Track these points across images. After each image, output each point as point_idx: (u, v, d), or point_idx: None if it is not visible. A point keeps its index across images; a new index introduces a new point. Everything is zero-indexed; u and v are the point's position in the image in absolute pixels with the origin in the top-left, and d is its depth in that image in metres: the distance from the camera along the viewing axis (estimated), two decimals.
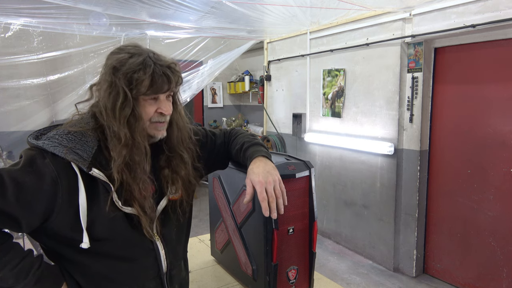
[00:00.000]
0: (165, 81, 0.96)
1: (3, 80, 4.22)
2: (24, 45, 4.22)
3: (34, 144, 0.92)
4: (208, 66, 4.76)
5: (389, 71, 3.31)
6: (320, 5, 3.40)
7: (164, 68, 0.96)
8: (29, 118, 4.45)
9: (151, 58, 0.95)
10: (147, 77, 0.93)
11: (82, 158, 0.91)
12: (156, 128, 1.01)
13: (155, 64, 0.95)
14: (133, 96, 0.94)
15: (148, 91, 0.95)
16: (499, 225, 2.80)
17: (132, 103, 0.94)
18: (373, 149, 3.50)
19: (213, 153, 1.26)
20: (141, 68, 0.93)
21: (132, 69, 0.93)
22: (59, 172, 0.89)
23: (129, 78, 0.93)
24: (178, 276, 1.16)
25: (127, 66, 0.93)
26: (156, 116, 0.99)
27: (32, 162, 0.89)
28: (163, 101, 1.00)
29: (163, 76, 0.95)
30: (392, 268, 3.44)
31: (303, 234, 1.32)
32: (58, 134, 0.93)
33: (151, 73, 0.93)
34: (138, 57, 0.95)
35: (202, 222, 4.55)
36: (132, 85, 0.93)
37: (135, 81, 0.93)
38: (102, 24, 3.62)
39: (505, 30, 2.61)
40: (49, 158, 0.89)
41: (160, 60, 0.97)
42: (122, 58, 0.95)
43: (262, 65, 5.35)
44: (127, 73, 0.93)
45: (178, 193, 1.08)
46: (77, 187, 0.90)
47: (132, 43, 1.01)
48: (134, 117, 0.95)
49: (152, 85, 0.94)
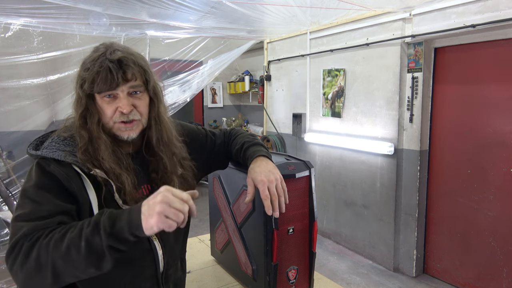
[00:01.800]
0: (110, 76, 0.90)
1: (3, 80, 4.22)
2: (24, 45, 4.22)
3: (34, 154, 0.93)
4: (208, 66, 4.76)
5: (389, 71, 3.31)
6: (320, 5, 3.40)
7: (112, 62, 0.91)
8: (29, 118, 4.45)
9: (105, 54, 0.92)
10: (93, 73, 0.91)
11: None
12: (119, 128, 0.96)
13: (104, 60, 0.91)
14: (86, 94, 0.93)
15: (96, 87, 0.92)
16: (499, 225, 2.80)
17: (85, 100, 0.94)
18: (373, 149, 3.50)
19: (213, 153, 1.26)
20: (91, 65, 0.92)
21: (84, 67, 0.93)
22: (66, 173, 0.91)
23: (82, 76, 0.93)
24: (173, 276, 1.15)
25: (82, 65, 0.94)
26: (117, 115, 0.95)
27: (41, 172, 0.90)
28: (122, 99, 0.94)
29: (107, 71, 0.90)
30: (392, 268, 3.44)
31: (303, 234, 1.32)
32: (54, 141, 0.95)
33: (97, 69, 0.90)
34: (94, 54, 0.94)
35: (202, 222, 4.55)
36: (82, 82, 0.93)
37: (85, 78, 0.92)
38: (102, 24, 3.62)
39: (505, 30, 2.60)
40: (53, 164, 0.91)
41: (114, 55, 0.92)
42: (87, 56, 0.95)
43: (262, 65, 5.35)
44: (80, 71, 0.94)
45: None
46: (84, 186, 0.92)
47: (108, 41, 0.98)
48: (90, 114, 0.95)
49: (97, 81, 0.91)
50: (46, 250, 0.79)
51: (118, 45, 0.97)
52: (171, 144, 1.07)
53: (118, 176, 0.95)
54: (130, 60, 0.94)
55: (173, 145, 1.08)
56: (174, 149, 1.08)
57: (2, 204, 3.06)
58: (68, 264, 0.79)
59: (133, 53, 0.97)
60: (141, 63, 0.97)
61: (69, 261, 0.78)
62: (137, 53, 0.99)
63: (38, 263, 0.79)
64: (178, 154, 1.09)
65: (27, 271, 0.79)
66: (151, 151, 1.05)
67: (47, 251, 0.79)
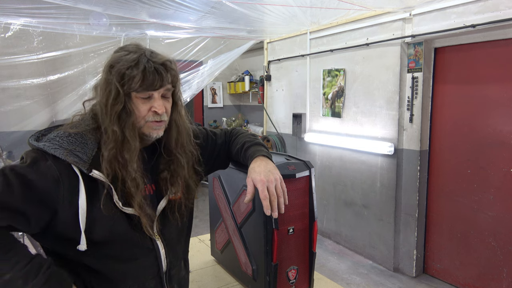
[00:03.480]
0: (156, 77, 0.94)
1: (3, 80, 4.22)
2: (24, 45, 4.22)
3: (35, 145, 0.92)
4: (208, 66, 4.76)
5: (389, 71, 3.31)
6: (320, 5, 3.41)
7: (157, 64, 0.95)
8: (29, 118, 4.45)
9: (146, 55, 0.95)
10: (138, 73, 0.92)
11: (82, 160, 0.91)
12: (151, 127, 0.99)
13: (148, 61, 0.94)
14: (124, 92, 0.94)
15: (139, 87, 0.94)
16: (499, 225, 2.80)
17: (123, 99, 0.94)
18: (373, 149, 3.50)
19: (214, 153, 1.26)
20: (134, 65, 0.93)
21: (125, 65, 0.93)
22: (61, 173, 0.89)
23: (122, 74, 0.93)
24: (177, 275, 1.16)
25: (121, 63, 0.94)
26: (150, 115, 0.98)
27: (35, 163, 0.89)
28: (157, 100, 0.97)
29: (154, 73, 0.94)
30: (392, 268, 3.44)
31: (303, 234, 1.32)
32: (59, 136, 0.94)
33: (143, 69, 0.93)
34: (133, 54, 0.95)
35: (202, 222, 4.55)
36: (124, 80, 0.93)
37: (127, 76, 0.93)
38: (102, 24, 3.62)
39: (505, 30, 2.60)
40: (51, 160, 0.90)
41: (155, 57, 0.96)
42: (119, 56, 0.96)
43: (262, 65, 5.35)
44: (121, 69, 0.93)
45: (178, 194, 1.08)
46: (78, 189, 0.90)
47: (134, 42, 1.01)
48: (125, 113, 0.95)
49: (142, 81, 0.93)
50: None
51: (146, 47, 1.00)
52: (187, 147, 1.10)
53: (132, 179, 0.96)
54: (172, 64, 0.99)
55: (188, 148, 1.11)
56: (188, 152, 1.11)
57: None
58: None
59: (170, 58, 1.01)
60: (176, 69, 1.02)
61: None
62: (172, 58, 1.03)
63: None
64: (191, 157, 1.12)
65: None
66: (167, 152, 1.07)
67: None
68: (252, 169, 1.09)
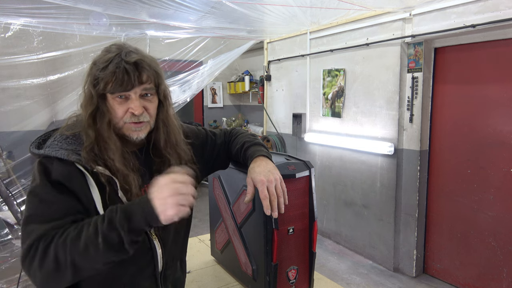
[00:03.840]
0: (125, 78, 0.92)
1: (3, 80, 4.22)
2: (24, 45, 4.22)
3: (37, 153, 0.94)
4: (208, 66, 4.75)
5: (389, 71, 3.31)
6: (320, 5, 3.41)
7: (128, 64, 0.92)
8: (29, 118, 4.45)
9: (121, 56, 0.93)
10: (107, 74, 0.91)
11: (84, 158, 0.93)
12: (130, 128, 0.98)
13: (120, 61, 0.92)
14: (98, 94, 0.93)
15: (110, 88, 0.92)
16: (499, 225, 2.80)
17: (96, 100, 0.94)
18: (373, 149, 3.50)
19: (213, 153, 1.26)
20: (105, 66, 0.92)
21: (99, 66, 0.93)
22: (69, 171, 0.91)
23: (95, 75, 0.93)
24: (172, 276, 1.15)
25: (97, 64, 0.94)
26: (128, 116, 0.96)
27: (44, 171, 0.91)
28: (134, 100, 0.95)
29: (124, 73, 0.91)
30: (392, 268, 3.44)
31: (303, 234, 1.32)
32: (57, 140, 0.95)
33: (112, 70, 0.91)
34: (109, 55, 0.94)
35: (202, 222, 4.55)
36: (96, 81, 0.93)
37: (99, 78, 0.92)
38: (102, 24, 3.62)
39: (505, 30, 2.60)
40: (56, 162, 0.91)
41: (129, 56, 0.93)
42: (99, 56, 0.95)
43: (262, 65, 5.35)
44: (94, 71, 0.93)
45: None
46: (88, 185, 0.92)
47: (119, 42, 1.00)
48: (100, 114, 0.95)
49: (113, 81, 0.92)
50: (63, 249, 0.82)
51: (131, 46, 0.98)
52: (178, 146, 1.09)
53: (125, 177, 0.96)
54: (145, 63, 0.96)
55: (179, 148, 1.10)
56: (180, 152, 1.10)
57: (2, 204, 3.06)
58: (87, 261, 0.83)
59: (147, 56, 0.99)
60: (155, 67, 0.99)
61: (88, 258, 0.82)
62: (151, 56, 1.01)
63: (56, 263, 0.81)
64: (184, 157, 1.11)
65: (46, 272, 0.82)
66: (157, 152, 1.07)
67: (64, 250, 0.82)
68: (252, 169, 1.09)
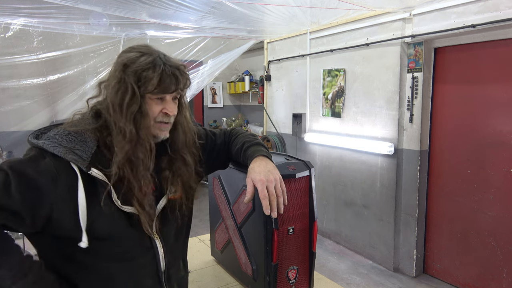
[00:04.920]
0: (173, 81, 0.97)
1: (3, 80, 4.22)
2: (24, 45, 4.23)
3: (34, 143, 0.92)
4: (208, 66, 4.76)
5: (389, 71, 3.31)
6: (320, 5, 3.41)
7: (173, 68, 0.98)
8: (29, 118, 4.45)
9: (161, 58, 0.97)
10: (156, 75, 0.95)
11: (81, 158, 0.91)
12: (159, 128, 1.02)
13: (164, 64, 0.96)
14: (140, 94, 0.95)
15: (155, 89, 0.96)
16: (499, 225, 2.80)
17: (139, 100, 0.95)
18: (373, 149, 3.50)
19: (213, 153, 1.26)
20: (151, 67, 0.95)
21: (142, 67, 0.95)
22: (59, 171, 0.89)
23: (138, 75, 0.95)
24: (176, 275, 1.16)
25: (137, 64, 0.95)
26: (160, 116, 1.00)
27: (33, 160, 0.90)
28: (169, 102, 1.01)
29: (171, 76, 0.97)
30: (392, 268, 3.44)
31: (303, 234, 1.32)
32: (58, 134, 0.94)
33: (160, 72, 0.95)
34: (148, 56, 0.97)
35: (202, 222, 4.55)
36: (140, 82, 0.95)
37: (143, 78, 0.95)
38: (102, 24, 3.62)
39: (505, 30, 2.60)
40: (49, 157, 0.90)
41: (170, 61, 0.99)
42: (133, 56, 0.97)
43: (262, 65, 5.35)
44: (137, 70, 0.95)
45: (178, 193, 1.08)
46: (77, 187, 0.90)
47: (143, 43, 1.03)
48: (140, 114, 0.96)
49: (160, 84, 0.96)
50: None
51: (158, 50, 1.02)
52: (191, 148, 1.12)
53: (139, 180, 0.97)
54: (186, 69, 1.02)
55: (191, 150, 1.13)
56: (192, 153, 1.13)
57: None
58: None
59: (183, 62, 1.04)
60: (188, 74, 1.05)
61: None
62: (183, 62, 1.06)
63: None
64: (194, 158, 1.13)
65: None
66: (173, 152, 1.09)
67: None
68: (252, 169, 1.09)
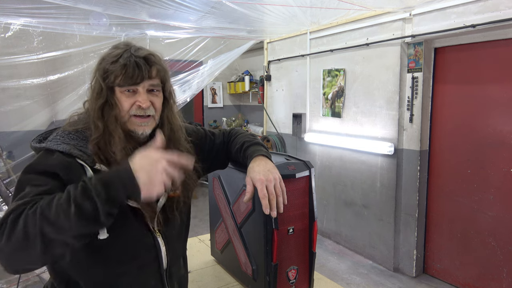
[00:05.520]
0: (136, 71, 0.94)
1: (3, 80, 4.22)
2: (24, 45, 4.22)
3: (38, 147, 0.95)
4: (208, 66, 4.76)
5: (389, 71, 3.31)
6: (320, 5, 3.41)
7: (138, 58, 0.95)
8: (29, 118, 4.45)
9: (130, 51, 0.97)
10: (118, 67, 0.94)
11: (86, 154, 0.94)
12: (135, 123, 0.99)
13: (130, 55, 0.95)
14: (107, 87, 0.96)
15: (120, 81, 0.95)
16: (499, 225, 2.80)
17: (106, 93, 0.96)
18: (373, 149, 3.50)
19: (212, 153, 1.26)
20: (115, 60, 0.95)
21: (108, 60, 0.96)
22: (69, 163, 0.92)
23: (105, 69, 0.96)
24: (177, 273, 1.16)
25: (106, 59, 0.97)
26: (134, 109, 0.97)
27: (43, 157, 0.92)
28: (141, 94, 0.98)
29: (135, 66, 0.94)
30: (392, 268, 3.44)
31: (303, 234, 1.32)
32: (59, 135, 0.97)
33: (123, 63, 0.94)
34: (118, 50, 0.97)
35: (202, 222, 4.55)
36: (105, 75, 0.95)
37: (109, 72, 0.95)
38: (102, 24, 3.62)
39: (505, 30, 2.60)
40: (57, 154, 0.93)
41: (138, 52, 0.97)
42: (107, 53, 0.98)
43: (262, 65, 5.35)
44: (105, 65, 0.96)
45: (178, 191, 1.08)
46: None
47: (127, 41, 1.03)
48: (108, 107, 0.97)
49: (123, 75, 0.94)
50: (33, 218, 0.77)
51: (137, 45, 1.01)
52: (180, 144, 1.10)
53: None
54: (155, 58, 1.00)
55: (182, 146, 1.11)
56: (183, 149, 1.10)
57: (2, 204, 3.06)
58: (57, 231, 0.77)
59: (155, 53, 1.03)
60: (162, 63, 1.02)
61: (58, 228, 0.77)
62: (158, 53, 1.04)
63: (25, 233, 0.76)
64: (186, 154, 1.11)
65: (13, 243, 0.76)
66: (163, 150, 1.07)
67: (34, 219, 0.77)
68: (251, 169, 1.09)
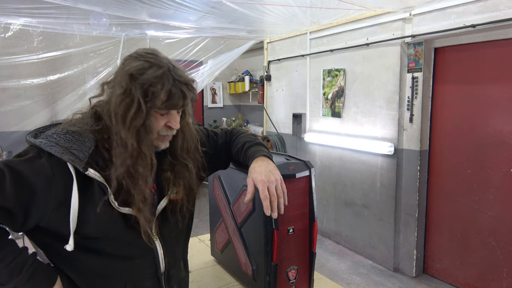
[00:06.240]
0: (180, 98, 0.94)
1: (3, 80, 4.23)
2: (24, 45, 4.23)
3: (31, 142, 0.92)
4: (208, 66, 4.76)
5: (389, 71, 3.31)
6: (320, 5, 3.41)
7: (182, 85, 0.94)
8: (29, 118, 4.45)
9: (170, 72, 0.93)
10: (164, 92, 0.91)
11: (78, 158, 0.90)
12: (161, 140, 1.00)
13: (174, 80, 0.93)
14: (147, 109, 0.92)
15: (162, 105, 0.93)
16: (499, 225, 2.80)
17: (145, 115, 0.92)
18: (373, 149, 3.50)
19: (215, 153, 1.26)
20: (159, 82, 0.91)
21: (150, 81, 0.91)
22: (54, 171, 0.89)
23: (146, 90, 0.91)
24: (176, 276, 1.15)
25: (145, 77, 0.91)
26: (164, 129, 0.98)
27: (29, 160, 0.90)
28: (174, 115, 0.98)
29: (179, 93, 0.93)
30: (392, 268, 3.44)
31: (303, 234, 1.32)
32: (56, 133, 0.93)
33: (169, 88, 0.91)
34: (157, 69, 0.92)
35: (202, 222, 4.55)
36: (148, 97, 0.91)
37: (151, 94, 0.91)
38: (102, 24, 3.62)
39: (505, 30, 2.60)
40: (45, 157, 0.90)
41: (179, 75, 0.95)
42: (140, 66, 0.92)
43: (262, 65, 5.35)
44: (144, 84, 0.90)
45: (180, 194, 1.08)
46: (72, 188, 0.90)
47: (151, 50, 0.98)
48: (144, 129, 0.93)
49: (168, 100, 0.92)
50: None
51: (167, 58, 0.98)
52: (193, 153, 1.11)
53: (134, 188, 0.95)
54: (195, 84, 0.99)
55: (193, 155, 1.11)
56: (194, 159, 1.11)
57: None
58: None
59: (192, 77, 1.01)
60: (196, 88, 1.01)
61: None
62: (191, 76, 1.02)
63: None
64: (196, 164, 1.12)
65: None
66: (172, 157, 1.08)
67: None
68: (253, 169, 1.09)
